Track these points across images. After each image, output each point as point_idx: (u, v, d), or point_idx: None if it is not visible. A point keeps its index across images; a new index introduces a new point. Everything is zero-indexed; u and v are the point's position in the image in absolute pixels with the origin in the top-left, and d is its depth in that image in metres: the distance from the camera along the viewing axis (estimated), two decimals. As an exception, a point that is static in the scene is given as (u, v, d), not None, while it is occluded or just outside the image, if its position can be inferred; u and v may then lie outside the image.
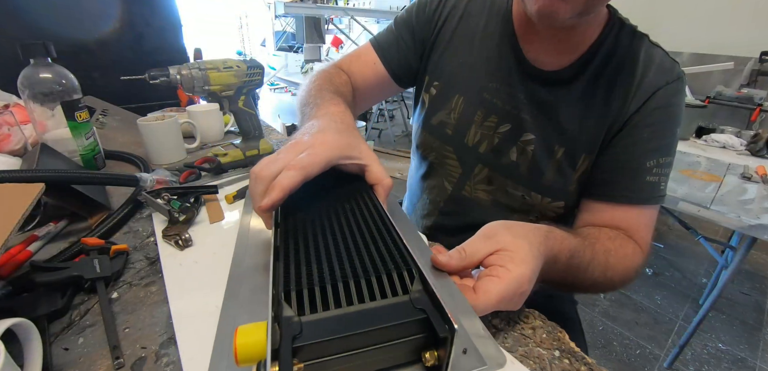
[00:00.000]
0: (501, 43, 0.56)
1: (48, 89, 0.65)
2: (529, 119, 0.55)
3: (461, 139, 0.60)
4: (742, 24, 2.23)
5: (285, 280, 0.27)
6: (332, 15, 4.88)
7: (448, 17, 0.60)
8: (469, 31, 0.59)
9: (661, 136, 0.51)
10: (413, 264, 0.29)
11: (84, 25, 1.05)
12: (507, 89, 0.56)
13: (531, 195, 0.57)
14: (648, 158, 0.50)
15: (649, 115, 0.50)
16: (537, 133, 0.54)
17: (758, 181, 1.22)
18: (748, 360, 1.45)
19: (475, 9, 0.59)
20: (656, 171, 0.50)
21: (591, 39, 0.51)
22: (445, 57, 0.61)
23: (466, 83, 0.59)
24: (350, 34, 4.98)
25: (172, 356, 0.34)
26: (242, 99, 0.77)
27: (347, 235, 0.33)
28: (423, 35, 0.62)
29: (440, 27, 0.61)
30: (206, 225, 0.55)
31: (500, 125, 0.57)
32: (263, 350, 0.22)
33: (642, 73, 0.50)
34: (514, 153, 0.56)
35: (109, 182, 0.58)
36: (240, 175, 0.73)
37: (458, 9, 0.60)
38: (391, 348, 0.25)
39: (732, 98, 2.10)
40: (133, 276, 0.45)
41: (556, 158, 0.54)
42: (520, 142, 0.56)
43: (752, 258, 2.09)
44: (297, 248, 0.31)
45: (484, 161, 0.59)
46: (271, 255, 0.30)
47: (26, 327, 0.31)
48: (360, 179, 0.41)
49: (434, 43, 0.62)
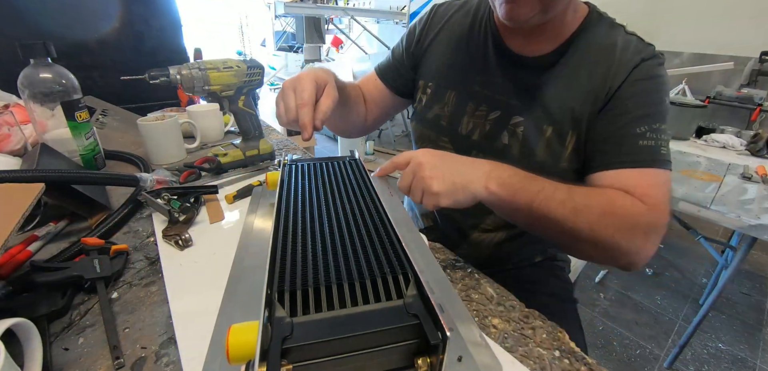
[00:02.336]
0: (486, 40, 0.62)
1: (48, 89, 0.65)
2: (518, 103, 0.59)
3: (455, 128, 0.65)
4: (742, 24, 2.23)
5: (279, 280, 0.27)
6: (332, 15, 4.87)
7: (434, 29, 0.70)
8: (454, 35, 0.67)
9: (648, 103, 0.51)
10: (409, 268, 0.29)
11: (84, 25, 1.05)
12: (495, 80, 0.61)
13: None
14: (638, 124, 0.51)
15: (631, 86, 0.52)
16: (526, 115, 0.58)
17: (758, 181, 1.22)
18: (748, 360, 1.45)
19: (459, 17, 0.67)
20: (650, 136, 0.50)
21: (570, 29, 0.56)
22: (435, 61, 0.69)
23: (456, 80, 0.65)
24: (350, 34, 4.98)
25: (172, 356, 0.34)
26: (242, 99, 0.77)
27: (346, 235, 0.33)
28: (413, 50, 0.72)
29: (427, 38, 0.70)
30: (206, 225, 0.55)
31: (490, 113, 0.61)
32: (254, 349, 0.22)
33: (620, 54, 0.53)
34: (506, 137, 0.60)
35: (109, 182, 0.58)
36: (240, 175, 0.73)
37: (442, 20, 0.69)
38: (383, 352, 0.25)
39: (732, 97, 2.10)
40: (133, 276, 0.45)
41: (546, 137, 0.57)
42: (510, 125, 0.59)
43: (752, 258, 2.09)
44: (294, 247, 0.31)
45: (478, 148, 0.63)
46: (268, 254, 0.30)
47: (26, 327, 0.31)
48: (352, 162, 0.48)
49: (424, 53, 0.70)
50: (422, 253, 0.45)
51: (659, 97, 0.52)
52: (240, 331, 0.23)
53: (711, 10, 2.31)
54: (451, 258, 0.52)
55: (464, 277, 0.48)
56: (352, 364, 0.24)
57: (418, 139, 0.73)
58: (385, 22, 4.43)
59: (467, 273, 0.48)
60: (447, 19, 0.69)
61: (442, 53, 0.68)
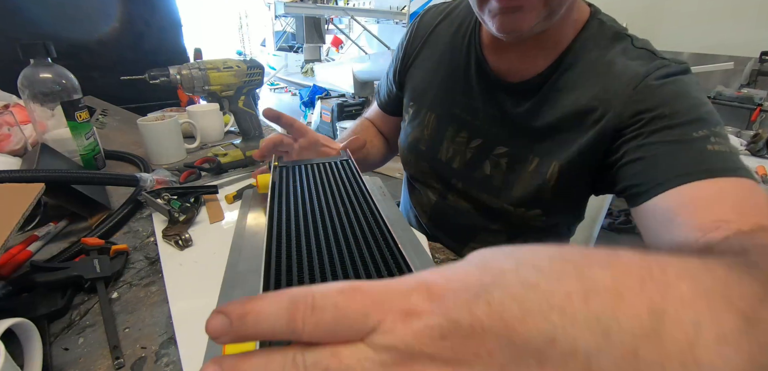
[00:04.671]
0: (468, 59, 0.55)
1: (48, 89, 0.65)
2: (501, 132, 0.53)
3: (435, 154, 0.60)
4: (742, 24, 2.23)
5: (276, 285, 0.27)
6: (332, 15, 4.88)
7: (419, 41, 0.63)
8: (437, 49, 0.60)
9: (690, 108, 0.39)
10: (406, 269, 0.29)
11: (84, 25, 1.05)
12: (476, 105, 0.55)
13: (505, 207, 0.54)
14: (692, 129, 0.37)
15: (651, 94, 0.41)
16: (510, 145, 0.52)
17: (758, 181, 1.22)
18: (748, 360, 1.45)
19: (443, 27, 0.60)
20: (715, 140, 0.37)
21: (565, 42, 0.47)
22: (417, 78, 0.63)
23: (436, 100, 0.59)
24: (350, 34, 4.98)
25: (172, 356, 0.34)
26: (242, 99, 0.77)
27: (341, 238, 0.33)
28: (401, 67, 0.66)
29: (412, 52, 0.64)
30: (206, 225, 0.55)
31: (472, 140, 0.56)
32: None
33: (622, 70, 0.44)
34: (488, 167, 0.55)
35: (109, 182, 0.58)
36: (240, 175, 0.73)
37: (427, 30, 0.62)
38: None
39: (732, 97, 2.10)
40: (133, 276, 0.45)
41: (530, 170, 0.51)
42: (493, 155, 0.54)
43: (752, 258, 2.09)
44: (289, 251, 0.31)
45: (458, 177, 0.58)
46: (262, 260, 0.30)
47: (26, 327, 0.31)
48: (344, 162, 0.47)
49: (409, 68, 0.65)
50: (418, 253, 0.45)
51: (700, 97, 0.40)
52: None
53: (711, 10, 2.31)
54: (451, 259, 0.52)
55: (464, 277, 0.47)
56: None
57: (402, 161, 0.68)
58: (385, 22, 4.43)
59: (467, 273, 0.48)
60: (432, 29, 0.61)
61: (424, 69, 0.61)
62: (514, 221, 0.55)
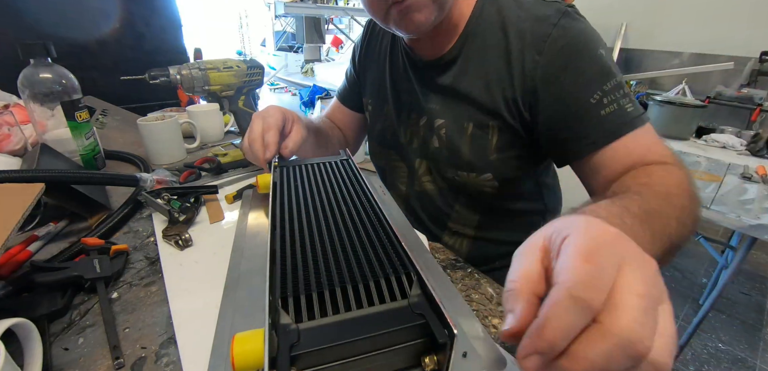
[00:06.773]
0: (398, 50, 0.65)
1: (48, 89, 0.65)
2: (436, 107, 0.59)
3: (397, 140, 0.67)
4: (742, 24, 2.22)
5: (282, 286, 0.27)
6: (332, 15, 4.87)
7: (367, 43, 0.72)
8: (383, 48, 0.68)
9: (584, 68, 0.46)
10: (412, 268, 0.29)
11: (84, 25, 1.05)
12: (414, 87, 0.62)
13: (458, 174, 0.59)
14: (587, 94, 0.45)
15: (555, 59, 0.47)
16: (446, 116, 0.58)
17: (758, 181, 1.22)
18: (748, 360, 1.45)
19: (379, 28, 0.69)
20: (608, 100, 0.45)
21: (466, 16, 0.54)
22: (370, 76, 0.71)
23: (387, 92, 0.67)
24: (350, 34, 4.98)
25: (172, 356, 0.34)
26: (242, 99, 0.77)
27: (345, 237, 0.33)
28: (356, 70, 0.75)
29: (363, 53, 0.73)
30: (206, 225, 0.55)
31: (420, 119, 0.62)
32: (260, 358, 0.21)
33: (519, 31, 0.49)
34: (436, 140, 0.60)
35: (109, 182, 0.58)
36: (240, 175, 0.73)
37: (373, 32, 0.71)
38: (391, 354, 0.25)
39: (732, 97, 2.10)
40: (133, 276, 0.45)
41: (468, 134, 0.56)
42: (435, 128, 0.60)
43: (752, 258, 2.09)
44: (294, 251, 0.31)
45: (419, 155, 0.65)
46: (267, 259, 0.30)
47: (26, 327, 0.31)
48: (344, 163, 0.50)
49: (361, 69, 0.74)
50: (420, 253, 0.45)
51: (591, 54, 0.46)
52: (244, 340, 0.23)
53: (711, 10, 2.31)
54: (451, 258, 0.52)
55: (464, 277, 0.48)
56: (360, 367, 0.24)
57: (372, 156, 0.76)
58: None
59: (467, 273, 0.48)
60: (379, 30, 0.70)
61: (375, 68, 0.70)
62: (471, 191, 0.60)
